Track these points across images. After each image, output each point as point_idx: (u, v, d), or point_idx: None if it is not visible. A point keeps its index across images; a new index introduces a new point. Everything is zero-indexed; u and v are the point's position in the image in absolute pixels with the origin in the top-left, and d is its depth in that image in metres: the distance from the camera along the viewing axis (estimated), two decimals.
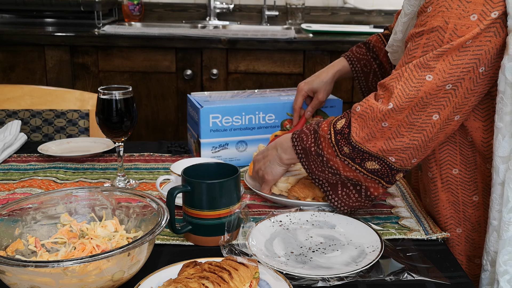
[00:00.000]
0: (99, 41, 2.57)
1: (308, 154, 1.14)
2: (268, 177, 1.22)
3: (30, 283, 0.82)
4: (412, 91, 1.00)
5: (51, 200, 1.02)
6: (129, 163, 1.48)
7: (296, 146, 1.16)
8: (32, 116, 1.92)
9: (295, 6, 3.05)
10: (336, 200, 1.15)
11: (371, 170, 1.08)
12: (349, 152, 1.07)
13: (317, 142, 1.11)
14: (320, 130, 1.12)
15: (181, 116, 2.69)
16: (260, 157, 1.25)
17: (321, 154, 1.11)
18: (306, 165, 1.15)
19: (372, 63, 1.45)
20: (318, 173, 1.14)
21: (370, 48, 1.46)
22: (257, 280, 0.90)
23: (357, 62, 1.45)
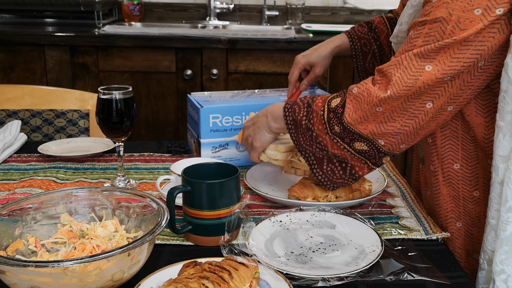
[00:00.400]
0: (99, 41, 2.57)
1: (298, 127, 1.13)
2: (256, 144, 1.23)
3: (30, 283, 0.82)
4: (411, 79, 1.00)
5: (51, 200, 1.02)
6: (129, 163, 1.49)
7: (287, 116, 1.15)
8: (32, 116, 1.92)
9: (295, 6, 3.05)
10: (320, 174, 1.15)
11: (359, 151, 1.09)
12: (339, 131, 1.07)
13: (309, 116, 1.11)
14: (314, 105, 1.11)
15: (181, 116, 2.69)
16: (249, 124, 1.25)
17: (311, 128, 1.11)
18: (294, 136, 1.15)
19: (372, 43, 1.45)
20: (306, 146, 1.14)
21: (372, 28, 1.45)
22: (257, 280, 0.90)
23: (358, 41, 1.45)
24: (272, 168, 1.42)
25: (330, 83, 2.64)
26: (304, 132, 1.13)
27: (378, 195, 1.28)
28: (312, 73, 1.46)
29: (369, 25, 1.46)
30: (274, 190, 1.30)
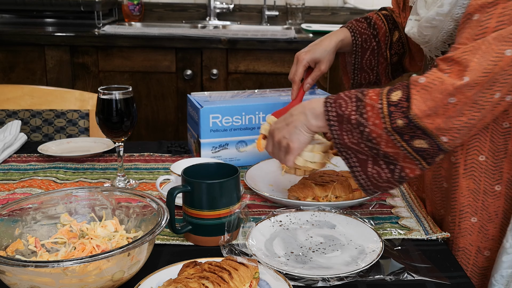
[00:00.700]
0: (99, 41, 2.57)
1: (344, 122, 1.03)
2: (294, 145, 1.10)
3: (30, 283, 0.82)
4: (490, 65, 0.93)
5: (51, 200, 1.02)
6: (129, 163, 1.48)
7: (329, 111, 1.04)
8: (32, 116, 1.92)
9: (295, 6, 3.05)
10: (363, 178, 1.05)
11: (417, 149, 0.99)
12: (402, 125, 0.97)
13: (360, 110, 1.01)
14: (367, 99, 1.01)
15: (181, 116, 2.69)
16: (282, 125, 1.12)
17: (362, 124, 1.00)
18: (337, 134, 1.04)
19: (372, 40, 1.38)
20: (350, 144, 1.03)
21: (371, 24, 1.38)
22: (257, 280, 0.90)
23: (359, 36, 1.36)
24: (272, 168, 1.42)
25: (330, 82, 2.64)
26: (351, 128, 1.02)
27: (378, 195, 1.28)
28: (317, 70, 1.34)
29: (368, 20, 1.39)
30: (274, 190, 1.30)
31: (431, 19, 1.09)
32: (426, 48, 1.20)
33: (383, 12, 1.43)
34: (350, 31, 1.36)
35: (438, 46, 1.14)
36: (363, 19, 1.40)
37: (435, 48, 1.15)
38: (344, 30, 1.37)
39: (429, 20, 1.10)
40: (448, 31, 1.08)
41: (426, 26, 1.12)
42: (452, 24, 1.06)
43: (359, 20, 1.39)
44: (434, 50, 1.16)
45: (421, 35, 1.15)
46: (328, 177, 1.28)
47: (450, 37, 1.09)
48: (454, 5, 1.04)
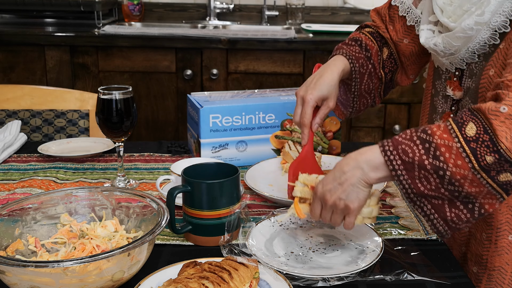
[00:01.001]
0: (99, 41, 2.57)
1: (415, 170, 0.93)
2: (353, 205, 0.96)
3: (30, 283, 0.82)
4: None
5: (51, 200, 1.02)
6: (129, 163, 1.48)
7: (393, 160, 0.93)
8: (32, 116, 1.92)
9: (295, 6, 3.05)
10: (441, 224, 0.96)
11: (502, 183, 0.92)
12: (493, 162, 0.89)
13: (432, 153, 0.91)
14: (437, 139, 0.91)
15: (181, 116, 2.69)
16: (334, 185, 0.97)
17: (442, 167, 0.91)
18: (407, 182, 0.94)
19: (367, 63, 1.28)
20: (426, 191, 0.94)
21: (362, 46, 1.28)
22: (257, 280, 0.90)
23: (356, 62, 1.26)
24: (272, 168, 1.42)
25: None
26: (426, 175, 0.92)
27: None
28: (325, 107, 1.20)
29: (358, 43, 1.29)
30: (274, 190, 1.30)
31: (468, 28, 1.02)
32: (446, 60, 1.12)
33: (368, 30, 1.33)
34: (348, 58, 1.26)
35: (465, 57, 1.08)
36: (352, 41, 1.30)
37: (460, 59, 1.09)
38: (341, 58, 1.26)
39: (464, 30, 1.03)
40: (482, 40, 1.03)
41: (459, 37, 1.05)
42: (488, 33, 1.02)
43: (349, 44, 1.29)
44: (459, 62, 1.09)
45: (448, 46, 1.08)
46: None
47: (483, 47, 1.04)
48: (494, 13, 0.99)
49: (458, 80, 1.14)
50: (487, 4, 0.99)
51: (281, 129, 1.49)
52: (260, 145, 1.48)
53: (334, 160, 1.47)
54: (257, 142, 1.47)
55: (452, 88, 1.14)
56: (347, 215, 0.97)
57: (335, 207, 0.97)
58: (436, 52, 1.12)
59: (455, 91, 1.14)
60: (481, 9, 1.00)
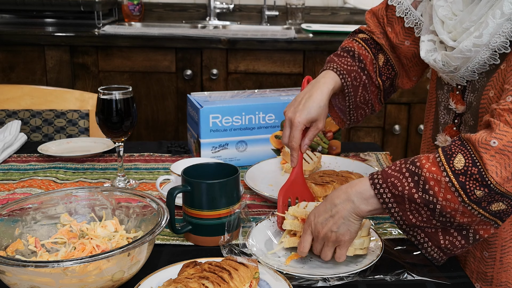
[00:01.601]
0: (99, 41, 2.57)
1: (405, 202, 0.93)
2: (345, 238, 0.95)
3: (30, 283, 0.82)
4: None
5: (51, 200, 1.02)
6: (129, 163, 1.48)
7: (383, 193, 0.93)
8: (32, 116, 1.92)
9: (295, 6, 3.05)
10: (435, 251, 0.97)
11: (494, 212, 0.91)
12: (482, 195, 0.89)
13: (422, 187, 0.91)
14: (425, 172, 0.91)
15: (181, 116, 2.69)
16: (325, 217, 0.96)
17: (432, 201, 0.90)
18: (399, 215, 0.94)
19: (361, 75, 1.23)
20: (418, 223, 0.94)
21: (355, 57, 1.24)
22: (257, 280, 0.90)
23: (348, 75, 1.21)
24: (272, 168, 1.42)
25: None
26: (416, 208, 0.92)
27: None
28: (314, 129, 1.16)
29: (350, 53, 1.24)
30: (274, 190, 1.30)
31: (466, 50, 1.00)
32: (447, 76, 1.10)
33: (361, 37, 1.28)
34: (338, 74, 1.20)
35: (465, 76, 1.06)
36: (344, 52, 1.25)
37: (461, 77, 1.06)
38: (330, 74, 1.20)
39: (462, 52, 1.01)
40: (481, 60, 1.00)
41: (457, 57, 1.02)
42: (487, 53, 0.99)
43: (340, 55, 1.24)
44: (459, 79, 1.07)
45: (447, 64, 1.06)
46: (328, 177, 1.28)
47: (483, 66, 1.02)
48: (493, 34, 0.97)
49: (461, 94, 1.10)
50: (485, 26, 0.97)
51: (281, 129, 1.49)
52: (260, 145, 1.48)
53: (334, 160, 1.47)
54: (257, 142, 1.47)
55: (455, 101, 1.11)
56: (339, 247, 0.96)
57: (327, 239, 0.96)
58: (436, 68, 1.10)
59: (457, 104, 1.11)
60: (479, 30, 0.98)
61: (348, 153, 1.57)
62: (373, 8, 1.30)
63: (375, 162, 1.52)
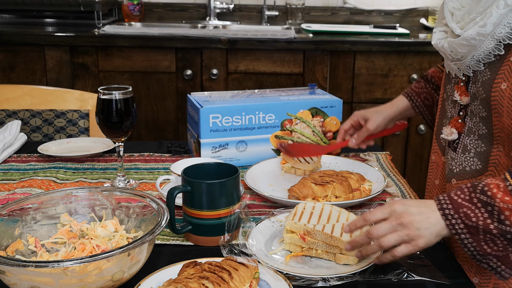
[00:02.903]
0: (99, 41, 2.57)
1: (479, 233, 0.92)
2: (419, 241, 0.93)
3: (30, 283, 0.82)
4: None
5: (51, 200, 1.02)
6: (129, 163, 1.48)
7: (455, 224, 0.92)
8: (32, 116, 1.92)
9: (295, 6, 3.05)
10: (509, 272, 0.96)
11: None
12: None
13: (497, 217, 0.90)
14: (499, 202, 0.90)
15: (181, 116, 2.69)
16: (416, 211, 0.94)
17: (509, 231, 0.90)
18: (472, 245, 0.93)
19: (433, 94, 1.37)
20: (494, 252, 0.93)
21: (428, 80, 1.38)
22: (257, 280, 0.90)
23: (417, 97, 1.38)
24: (272, 168, 1.42)
25: (330, 83, 2.64)
26: (492, 238, 0.91)
27: (378, 195, 1.28)
28: (364, 127, 1.37)
29: (425, 78, 1.39)
30: (274, 190, 1.30)
31: (470, 38, 1.04)
32: (455, 65, 1.13)
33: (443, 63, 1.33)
34: (406, 97, 1.40)
35: (471, 65, 1.08)
36: (420, 78, 1.41)
37: (467, 66, 1.09)
38: (401, 98, 1.41)
39: (468, 39, 1.04)
40: (486, 50, 1.03)
41: (462, 44, 1.06)
42: (492, 43, 1.02)
43: (417, 81, 1.41)
44: (465, 68, 1.10)
45: (454, 51, 1.09)
46: (328, 177, 1.28)
47: (488, 56, 1.04)
48: (497, 25, 1.00)
49: (465, 86, 1.13)
50: (489, 16, 1.00)
51: (281, 129, 1.49)
52: (260, 145, 1.48)
53: (334, 160, 1.47)
54: (257, 142, 1.47)
55: (459, 93, 1.14)
56: (404, 245, 0.93)
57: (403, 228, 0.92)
58: (445, 55, 1.14)
59: (462, 96, 1.14)
60: (483, 20, 1.01)
61: (348, 153, 1.57)
62: None
63: (375, 162, 1.52)
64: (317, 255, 1.01)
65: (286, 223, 1.03)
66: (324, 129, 1.52)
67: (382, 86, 2.66)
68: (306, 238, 1.00)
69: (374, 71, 2.64)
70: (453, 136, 1.17)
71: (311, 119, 1.50)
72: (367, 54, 2.61)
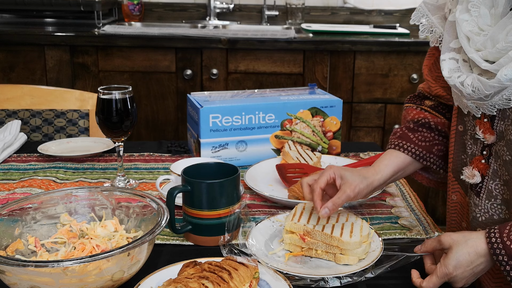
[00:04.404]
0: (99, 41, 2.57)
1: None
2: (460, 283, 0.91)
3: (30, 283, 0.82)
4: None
5: (51, 200, 1.02)
6: (129, 163, 1.48)
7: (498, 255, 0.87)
8: (32, 116, 1.92)
9: (295, 6, 3.05)
10: None
11: None
12: None
13: None
14: None
15: (181, 116, 2.69)
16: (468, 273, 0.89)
17: None
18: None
19: (446, 143, 1.14)
20: None
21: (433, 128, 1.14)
22: (257, 280, 0.90)
23: (429, 153, 1.13)
24: (272, 168, 1.41)
25: (330, 83, 2.64)
26: None
27: (378, 195, 1.28)
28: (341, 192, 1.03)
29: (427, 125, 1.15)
30: (274, 190, 1.30)
31: (506, 79, 0.85)
32: (472, 104, 0.95)
33: (429, 104, 1.18)
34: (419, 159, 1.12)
35: (497, 104, 0.91)
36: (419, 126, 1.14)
37: (491, 106, 0.92)
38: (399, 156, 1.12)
39: (501, 81, 0.86)
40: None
41: (493, 86, 0.88)
42: None
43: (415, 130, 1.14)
44: (488, 107, 0.93)
45: (477, 92, 0.91)
46: None
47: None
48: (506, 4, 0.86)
49: (489, 122, 0.96)
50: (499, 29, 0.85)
51: (281, 129, 1.49)
52: (260, 145, 1.48)
53: (334, 160, 1.47)
54: (257, 142, 1.47)
55: (483, 130, 0.97)
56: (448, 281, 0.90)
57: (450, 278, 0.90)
58: (461, 93, 0.94)
59: (486, 134, 0.97)
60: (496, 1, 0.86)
61: (348, 153, 1.57)
62: (426, 61, 1.18)
63: None
64: (317, 256, 1.01)
65: (285, 224, 1.03)
66: (324, 129, 1.52)
67: (382, 86, 2.66)
68: (306, 239, 1.00)
69: (374, 71, 2.64)
70: (475, 179, 1.00)
71: (311, 119, 1.50)
72: (367, 54, 2.61)
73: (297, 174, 1.32)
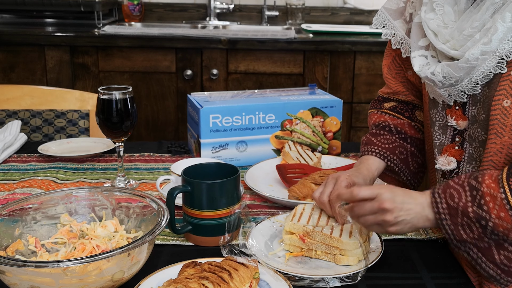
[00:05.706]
0: (99, 41, 2.57)
1: (458, 216, 0.89)
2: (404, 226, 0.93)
3: (30, 283, 0.82)
4: None
5: (51, 200, 1.02)
6: (129, 163, 1.48)
7: (438, 203, 0.91)
8: (32, 116, 1.92)
9: (295, 6, 3.05)
10: (491, 268, 0.92)
11: None
12: None
13: (477, 201, 0.88)
14: (484, 187, 0.88)
15: (181, 116, 2.69)
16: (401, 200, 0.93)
17: (484, 217, 0.87)
18: (450, 228, 0.90)
19: (405, 146, 1.19)
20: (469, 239, 0.90)
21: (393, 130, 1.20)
22: (257, 280, 0.90)
23: (392, 154, 1.18)
24: (272, 168, 1.41)
25: (330, 83, 2.64)
26: (468, 223, 0.89)
27: None
28: None
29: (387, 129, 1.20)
30: (274, 190, 1.30)
31: (473, 59, 0.93)
32: (445, 91, 1.02)
33: (388, 106, 1.23)
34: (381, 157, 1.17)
35: (466, 89, 0.98)
36: (379, 130, 1.21)
37: (461, 91, 0.99)
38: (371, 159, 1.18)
39: (469, 61, 0.94)
40: (487, 69, 0.94)
41: (462, 67, 0.95)
42: (494, 61, 0.93)
43: (377, 134, 1.20)
44: (459, 93, 1.00)
45: (448, 76, 0.98)
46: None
47: (487, 76, 0.95)
48: (502, 40, 0.91)
49: (461, 109, 1.03)
50: (494, 32, 0.91)
51: (281, 129, 1.49)
52: (260, 145, 1.48)
53: (334, 160, 1.47)
54: (257, 142, 1.47)
55: (455, 118, 1.04)
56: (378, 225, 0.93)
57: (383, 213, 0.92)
58: (434, 83, 1.01)
59: (458, 120, 1.04)
60: (487, 36, 0.92)
61: (348, 153, 1.57)
62: (385, 61, 1.24)
63: None
64: (317, 256, 1.01)
65: (285, 224, 1.03)
66: (324, 129, 1.52)
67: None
68: (306, 239, 1.00)
69: (374, 71, 2.64)
70: (451, 165, 1.06)
71: (311, 119, 1.50)
72: (367, 54, 2.61)
73: (297, 174, 1.32)
